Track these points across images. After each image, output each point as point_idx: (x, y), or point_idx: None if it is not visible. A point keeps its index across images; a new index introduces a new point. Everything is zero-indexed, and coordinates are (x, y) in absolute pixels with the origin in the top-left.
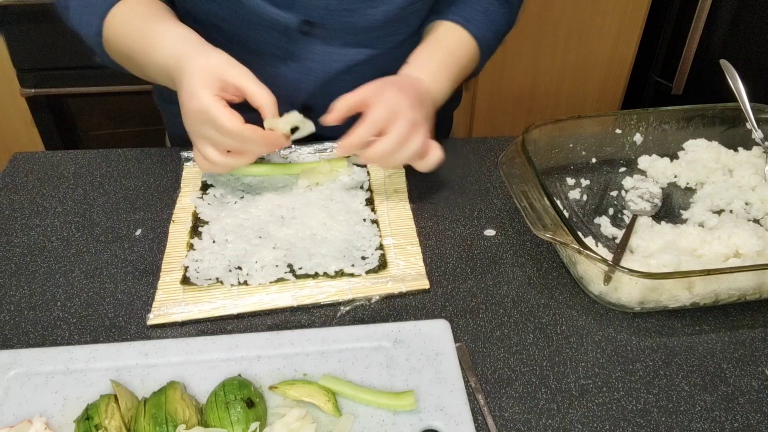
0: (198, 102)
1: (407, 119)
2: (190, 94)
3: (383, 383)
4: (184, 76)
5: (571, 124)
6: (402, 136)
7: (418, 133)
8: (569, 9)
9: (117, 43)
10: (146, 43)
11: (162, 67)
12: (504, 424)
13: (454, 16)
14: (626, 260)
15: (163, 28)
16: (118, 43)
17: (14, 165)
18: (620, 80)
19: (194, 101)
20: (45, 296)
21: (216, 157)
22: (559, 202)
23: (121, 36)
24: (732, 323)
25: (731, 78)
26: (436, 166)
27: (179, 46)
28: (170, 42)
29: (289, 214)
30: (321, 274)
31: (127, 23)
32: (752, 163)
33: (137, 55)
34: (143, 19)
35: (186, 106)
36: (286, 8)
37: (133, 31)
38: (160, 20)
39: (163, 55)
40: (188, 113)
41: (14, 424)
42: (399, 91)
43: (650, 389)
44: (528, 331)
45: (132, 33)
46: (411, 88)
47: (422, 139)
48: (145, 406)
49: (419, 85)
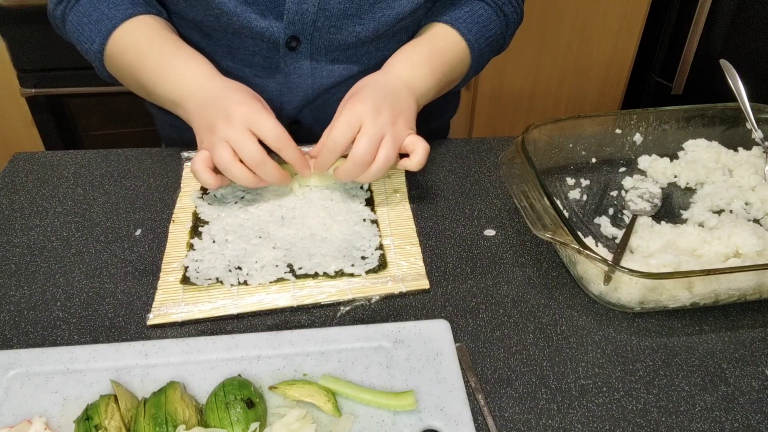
0: (249, 103)
1: (368, 135)
2: (239, 98)
3: (383, 383)
4: (227, 91)
5: (571, 124)
6: (364, 154)
7: (388, 141)
8: (569, 9)
9: (123, 64)
10: (163, 68)
11: (181, 95)
12: (504, 424)
13: (444, 17)
14: (626, 260)
15: (185, 54)
16: (125, 64)
17: (14, 165)
18: (620, 80)
19: (243, 104)
20: (45, 296)
21: (231, 161)
22: (559, 202)
23: (129, 57)
24: (732, 323)
25: (731, 78)
26: (424, 162)
27: (207, 71)
28: (198, 67)
29: (289, 214)
30: (321, 274)
31: (137, 45)
32: (752, 163)
33: (148, 80)
34: (155, 41)
35: (229, 110)
36: (274, 23)
37: (144, 54)
38: (176, 44)
39: (189, 76)
40: (231, 115)
41: (14, 424)
42: (365, 98)
43: (650, 389)
44: (528, 331)
45: (143, 56)
46: (381, 87)
47: (393, 145)
48: (145, 407)
49: (394, 81)
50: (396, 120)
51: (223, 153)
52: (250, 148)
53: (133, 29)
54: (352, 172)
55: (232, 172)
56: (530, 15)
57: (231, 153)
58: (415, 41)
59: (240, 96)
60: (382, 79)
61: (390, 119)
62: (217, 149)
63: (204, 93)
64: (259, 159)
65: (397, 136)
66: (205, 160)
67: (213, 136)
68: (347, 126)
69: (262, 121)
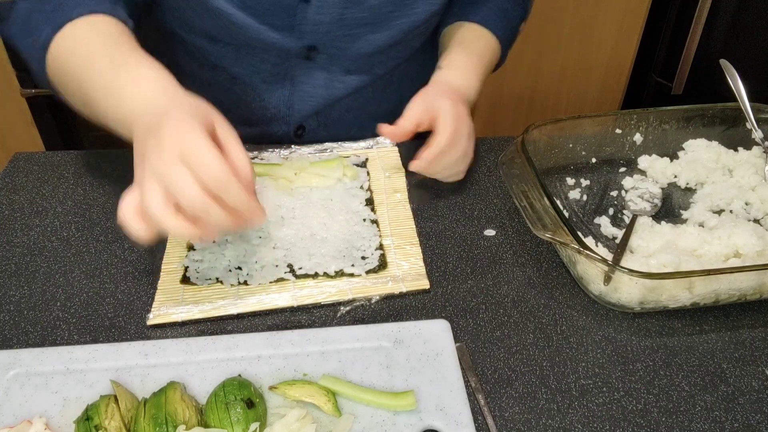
0: (184, 130)
1: (466, 135)
2: (174, 120)
3: (383, 383)
4: (169, 112)
5: (571, 124)
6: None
7: (472, 145)
8: (570, 9)
9: (68, 68)
10: (111, 77)
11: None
12: (504, 424)
13: (474, 17)
14: (626, 260)
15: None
16: (71, 69)
17: (14, 165)
18: (620, 80)
19: (179, 128)
20: (45, 296)
21: (161, 208)
22: (559, 202)
23: (75, 59)
24: (732, 323)
25: (731, 78)
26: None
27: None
28: (149, 83)
29: (289, 214)
30: (321, 274)
31: (89, 45)
32: (752, 163)
33: (91, 91)
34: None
35: (161, 134)
36: (289, 34)
37: (93, 59)
38: (131, 52)
39: (135, 94)
40: (162, 142)
41: (14, 424)
42: (456, 103)
43: (650, 389)
44: (528, 331)
45: (92, 60)
46: (459, 99)
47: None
48: (145, 407)
49: (461, 93)
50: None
51: (151, 196)
52: (184, 189)
53: (89, 28)
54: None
55: (165, 223)
56: (531, 15)
57: (161, 195)
58: (462, 48)
59: (179, 114)
60: (453, 90)
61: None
62: (144, 190)
63: (150, 115)
64: (199, 203)
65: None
66: (136, 204)
67: (142, 171)
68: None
69: (198, 150)
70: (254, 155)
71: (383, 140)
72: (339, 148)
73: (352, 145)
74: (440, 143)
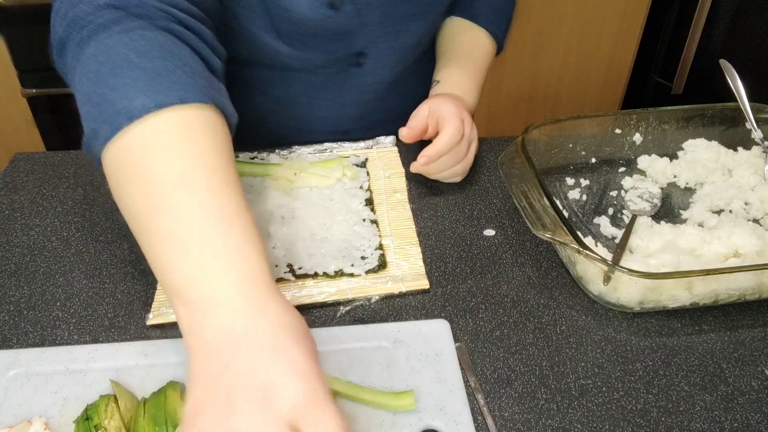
0: (308, 378)
1: (468, 137)
2: (289, 362)
3: (383, 383)
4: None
5: (571, 124)
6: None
7: (474, 148)
8: (569, 9)
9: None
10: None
11: (203, 296)
12: (504, 424)
13: (464, 13)
14: (626, 260)
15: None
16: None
17: (14, 165)
18: (620, 80)
19: (301, 375)
20: (44, 296)
21: None
22: (559, 202)
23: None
24: (732, 323)
25: (731, 78)
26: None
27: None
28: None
29: (289, 214)
30: (321, 274)
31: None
32: (752, 163)
33: (158, 243)
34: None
35: (272, 375)
36: (341, 43)
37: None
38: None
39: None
40: (275, 381)
41: (14, 424)
42: (459, 108)
43: (650, 389)
44: (528, 331)
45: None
46: (462, 105)
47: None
48: (145, 407)
49: (464, 102)
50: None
51: None
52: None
53: (180, 134)
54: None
55: None
56: (530, 15)
57: None
58: (458, 59)
59: (292, 358)
60: (456, 99)
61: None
62: None
63: (225, 317)
64: None
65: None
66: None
67: (224, 418)
68: (457, 131)
69: (320, 416)
70: (254, 155)
71: (383, 140)
72: (339, 148)
73: (352, 145)
74: (443, 142)
